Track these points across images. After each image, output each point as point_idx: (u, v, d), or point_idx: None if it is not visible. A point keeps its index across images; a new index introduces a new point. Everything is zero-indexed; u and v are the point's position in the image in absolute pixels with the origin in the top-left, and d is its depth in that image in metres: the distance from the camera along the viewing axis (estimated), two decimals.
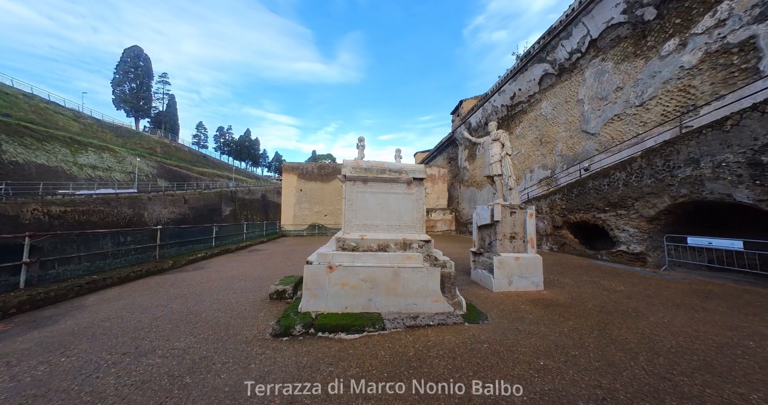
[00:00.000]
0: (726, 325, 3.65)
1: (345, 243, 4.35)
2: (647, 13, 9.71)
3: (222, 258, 10.19)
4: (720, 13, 8.13)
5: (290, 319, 3.65)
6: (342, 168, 4.64)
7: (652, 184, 7.50)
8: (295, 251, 11.90)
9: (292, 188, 21.69)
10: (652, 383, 2.34)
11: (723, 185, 6.20)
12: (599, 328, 3.55)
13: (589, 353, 2.88)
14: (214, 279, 6.68)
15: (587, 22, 11.23)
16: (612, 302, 4.62)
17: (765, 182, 5.62)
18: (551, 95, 13.66)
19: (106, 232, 7.49)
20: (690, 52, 8.66)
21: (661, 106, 9.29)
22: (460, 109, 23.58)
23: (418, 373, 2.55)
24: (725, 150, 6.19)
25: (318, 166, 22.29)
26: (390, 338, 3.33)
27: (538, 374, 2.49)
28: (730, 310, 4.33)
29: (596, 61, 11.47)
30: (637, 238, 8.02)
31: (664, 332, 3.41)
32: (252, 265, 8.70)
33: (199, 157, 63.05)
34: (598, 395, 2.18)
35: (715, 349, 2.97)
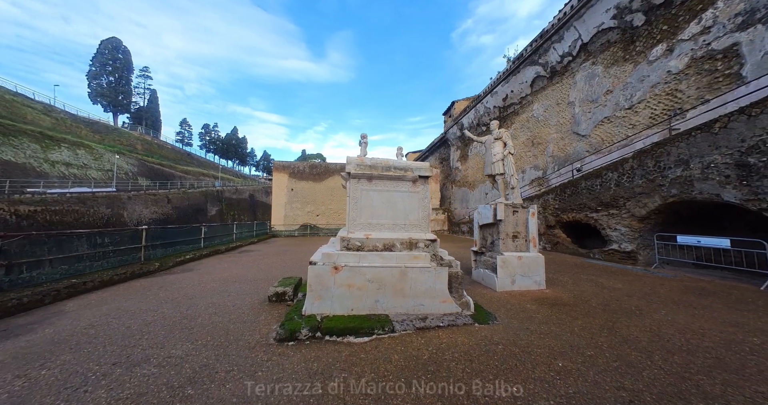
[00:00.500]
0: (726, 322, 3.73)
1: (350, 242, 4.19)
2: (636, 19, 10.02)
3: (212, 259, 9.79)
4: (705, 21, 8.47)
5: (295, 322, 3.47)
6: (346, 165, 4.49)
7: (643, 185, 7.71)
8: (289, 252, 11.59)
9: (283, 188, 21.21)
10: (674, 383, 2.32)
11: (712, 185, 6.43)
12: (608, 326, 3.56)
13: (604, 353, 2.85)
14: (206, 281, 6.36)
15: (579, 27, 11.50)
16: (614, 300, 4.67)
17: (751, 183, 5.86)
18: (543, 97, 13.92)
19: (85, 233, 7.03)
20: (677, 57, 8.98)
21: (650, 109, 9.60)
22: (452, 110, 23.78)
23: (437, 378, 2.44)
24: (714, 151, 6.42)
25: (310, 165, 21.91)
26: (401, 341, 3.21)
27: (559, 376, 2.43)
28: (725, 306, 4.46)
29: (587, 65, 11.75)
30: (628, 237, 8.24)
31: (671, 330, 3.45)
32: (245, 266, 8.38)
33: (183, 155, 60.91)
34: (623, 397, 2.14)
35: (723, 346, 3.01)
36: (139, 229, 8.26)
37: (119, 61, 51.76)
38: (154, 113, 62.69)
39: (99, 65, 50.16)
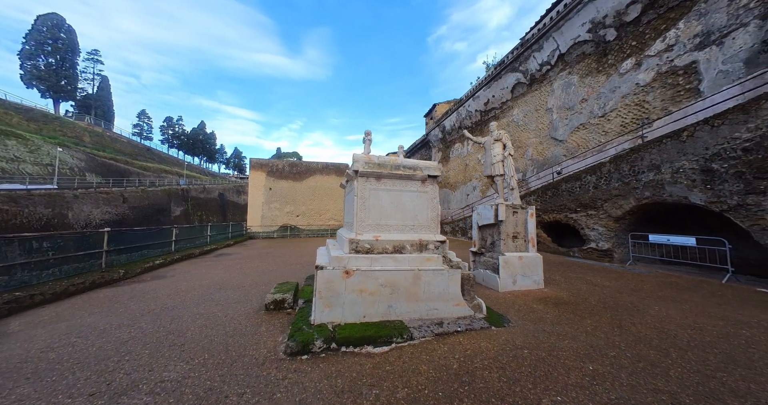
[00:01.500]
0: (713, 315, 4.03)
1: (359, 244, 3.95)
2: (609, 34, 10.80)
3: (185, 264, 8.92)
4: (668, 39, 9.33)
5: (305, 333, 3.16)
6: (352, 163, 4.24)
7: (619, 187, 8.28)
8: (272, 255, 10.93)
9: (260, 187, 20.10)
10: (702, 382, 2.39)
11: (680, 189, 7.04)
12: (615, 325, 3.67)
13: (625, 353, 2.90)
14: (186, 289, 5.72)
15: (557, 38, 12.15)
16: (608, 298, 4.89)
17: (714, 187, 6.50)
18: (522, 103, 14.56)
19: (32, 237, 6.02)
20: (644, 71, 9.80)
21: (621, 117, 10.38)
22: (434, 113, 24.16)
23: (477, 390, 2.30)
24: (682, 158, 7.05)
25: (290, 163, 20.98)
26: (423, 349, 3.04)
27: (595, 381, 2.41)
28: (703, 300, 4.85)
29: (564, 74, 12.46)
30: (605, 236, 8.80)
31: (672, 326, 3.64)
32: (226, 271, 7.72)
33: (142, 150, 55.69)
34: (664, 401, 2.14)
35: (723, 340, 3.21)
36: (100, 231, 7.28)
37: (62, 41, 45.96)
38: (106, 102, 56.63)
39: (35, 44, 44.07)
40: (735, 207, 6.26)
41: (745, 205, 6.13)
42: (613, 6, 10.36)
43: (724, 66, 8.21)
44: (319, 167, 21.00)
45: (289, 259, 9.70)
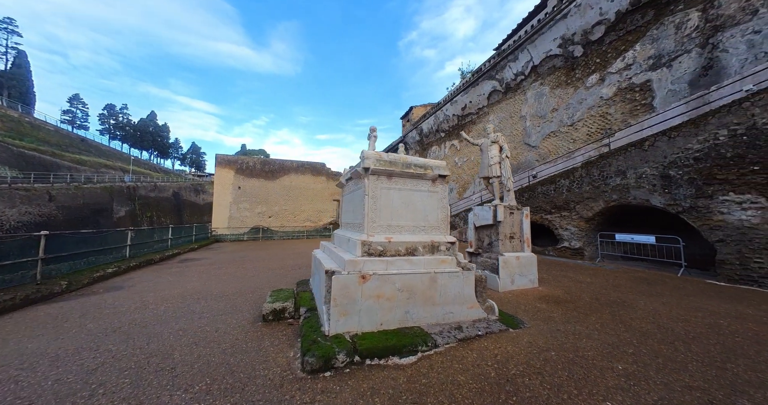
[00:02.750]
0: (688, 307, 4.46)
1: (371, 247, 3.69)
2: (576, 50, 11.77)
3: (145, 272, 7.82)
4: (627, 59, 10.41)
5: (323, 346, 2.84)
6: (362, 160, 3.97)
7: (590, 191, 8.99)
8: (248, 259, 10.06)
9: (228, 185, 18.54)
10: (720, 375, 2.56)
11: (643, 192, 7.83)
12: (617, 320, 3.87)
13: (640, 349, 3.03)
14: (155, 301, 4.95)
15: (531, 50, 12.96)
16: (598, 294, 5.20)
17: (671, 191, 7.32)
18: (498, 109, 15.30)
19: None
20: (607, 86, 10.83)
21: (587, 127, 11.35)
22: (411, 115, 24.47)
23: (526, 400, 2.21)
24: (644, 165, 7.85)
25: (261, 161, 19.66)
26: (452, 357, 2.89)
27: (631, 382, 2.45)
28: (672, 292, 5.37)
29: (536, 84, 13.33)
30: (577, 235, 9.50)
31: (663, 319, 3.94)
32: (199, 279, 6.89)
33: (75, 141, 48.42)
34: (701, 398, 2.22)
35: (711, 331, 3.53)
36: (35, 235, 6.05)
37: None
38: (24, 81, 48.20)
39: None
40: (688, 209, 7.09)
41: (696, 207, 6.98)
42: (581, 25, 11.32)
43: (672, 86, 9.36)
44: (294, 166, 20.00)
45: (270, 263, 9.00)
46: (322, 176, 20.77)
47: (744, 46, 8.36)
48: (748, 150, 6.32)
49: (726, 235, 6.57)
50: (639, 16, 10.16)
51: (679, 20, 9.38)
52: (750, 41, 8.27)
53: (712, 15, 8.88)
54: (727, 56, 8.58)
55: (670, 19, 9.59)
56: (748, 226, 6.32)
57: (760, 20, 8.16)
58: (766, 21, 8.08)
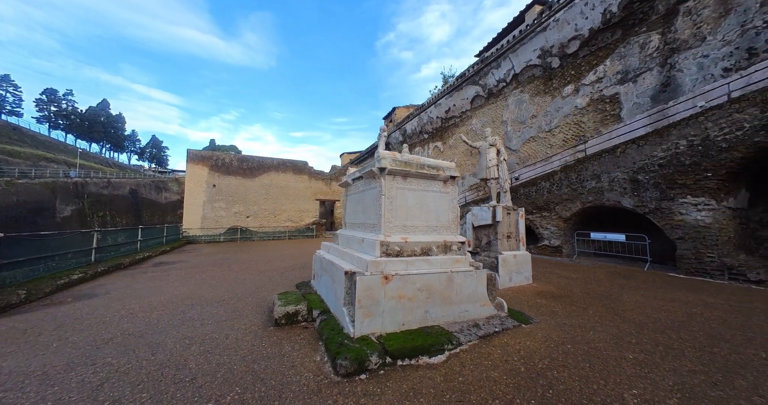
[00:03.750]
0: (664, 298, 4.97)
1: (389, 247, 3.69)
2: (554, 61, 12.60)
3: (117, 278, 7.13)
4: (598, 73, 11.36)
5: (353, 348, 2.79)
6: (379, 159, 3.96)
7: (568, 193, 9.69)
8: (232, 262, 9.51)
9: (201, 183, 17.34)
10: (713, 359, 2.90)
11: (615, 195, 8.60)
12: (611, 312, 4.22)
13: (641, 339, 3.33)
14: (143, 309, 4.54)
15: (513, 59, 13.66)
16: (586, 288, 5.62)
17: (640, 194, 8.11)
18: (480, 114, 15.93)
19: None
20: (581, 96, 11.72)
21: (563, 133, 12.20)
22: (393, 115, 24.63)
23: (563, 393, 2.34)
24: (616, 169, 8.62)
25: (239, 158, 18.62)
26: (478, 354, 2.98)
27: (646, 370, 2.68)
28: (646, 285, 5.95)
29: (517, 92, 14.07)
30: (556, 234, 10.18)
31: (647, 309, 4.36)
32: (185, 284, 6.41)
33: (4, 129, 42.57)
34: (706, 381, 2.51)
35: (689, 319, 3.97)
36: None
37: None
38: None
39: None
40: (653, 210, 7.91)
41: (660, 208, 7.80)
42: (558, 39, 12.14)
43: (637, 99, 10.36)
44: (275, 163, 19.21)
45: (258, 266, 8.60)
46: (304, 175, 20.20)
47: (695, 67, 9.49)
48: (703, 158, 7.18)
49: (684, 233, 7.41)
50: (609, 34, 11.13)
51: (643, 41, 10.42)
52: (700, 64, 9.40)
53: (669, 38, 9.97)
54: (681, 75, 9.69)
55: (635, 39, 10.61)
56: (702, 225, 7.19)
57: (708, 46, 9.30)
58: (712, 47, 9.23)
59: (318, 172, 20.83)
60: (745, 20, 8.78)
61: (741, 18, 8.85)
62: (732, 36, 8.95)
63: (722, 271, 6.84)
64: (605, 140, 10.55)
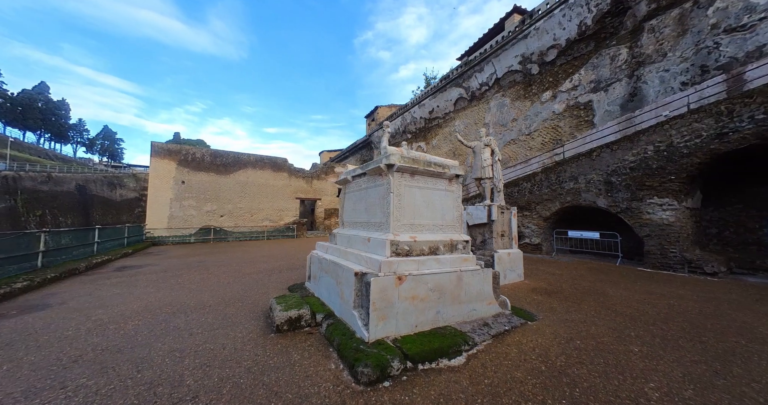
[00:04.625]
0: (643, 291, 5.34)
1: (398, 247, 3.56)
2: (533, 68, 13.21)
3: (71, 285, 6.29)
4: (574, 81, 12.08)
5: (373, 354, 2.62)
6: (387, 156, 3.81)
7: (548, 193, 10.18)
8: (209, 264, 8.80)
9: (168, 179, 15.90)
10: (706, 348, 3.11)
11: (591, 195, 9.17)
12: (603, 307, 4.43)
13: (638, 331, 3.51)
14: (114, 320, 4.00)
15: (495, 64, 14.12)
16: (573, 284, 5.89)
17: (613, 194, 8.72)
18: (463, 115, 16.30)
19: None
20: (558, 102, 12.40)
21: (542, 137, 12.83)
22: (376, 114, 24.45)
23: (589, 390, 2.36)
24: (592, 172, 9.19)
25: (211, 153, 17.31)
26: (495, 354, 2.94)
27: (654, 362, 2.80)
28: (623, 280, 6.38)
29: (498, 96, 14.57)
30: (536, 232, 10.67)
31: (633, 302, 4.64)
32: (160, 290, 5.79)
33: None
34: (708, 370, 2.68)
35: (671, 310, 4.28)
36: None
37: None
38: None
39: None
40: (625, 210, 8.54)
41: (630, 208, 8.43)
42: (538, 47, 12.74)
43: (608, 107, 11.17)
44: (252, 160, 18.16)
45: (241, 268, 8.03)
46: (284, 172, 19.35)
47: (657, 80, 10.41)
48: (668, 163, 7.86)
49: (651, 230, 8.08)
50: (584, 45, 11.88)
51: (613, 53, 11.24)
52: (662, 77, 10.33)
53: (636, 52, 10.85)
54: (646, 87, 10.59)
55: (606, 52, 11.42)
56: (666, 223, 7.87)
57: (668, 61, 10.25)
58: (672, 62, 10.18)
59: (298, 170, 20.08)
60: (699, 40, 9.77)
61: (696, 38, 9.84)
62: (688, 53, 9.92)
63: (683, 265, 7.54)
64: (580, 144, 11.25)
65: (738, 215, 8.45)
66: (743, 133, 6.87)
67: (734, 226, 8.51)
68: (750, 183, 8.12)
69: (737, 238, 8.43)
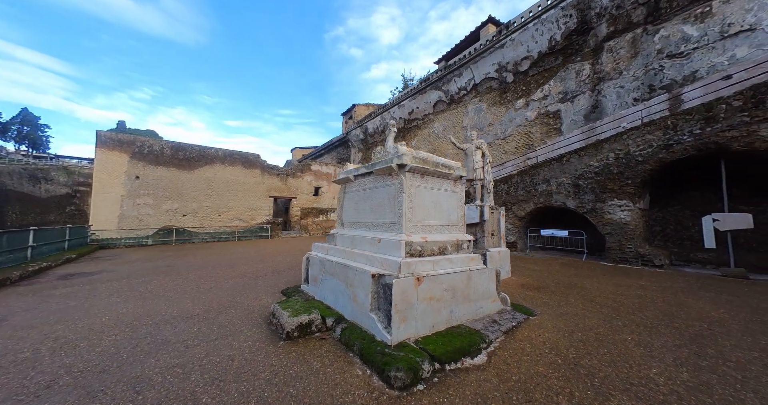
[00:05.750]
0: (613, 284, 5.94)
1: (412, 247, 3.55)
2: (508, 76, 14.01)
3: (4, 298, 5.35)
4: (545, 91, 13.04)
5: (403, 358, 2.57)
6: (399, 155, 3.77)
7: (523, 194, 10.87)
8: (180, 268, 7.98)
9: (119, 174, 14.08)
10: (684, 334, 3.53)
11: (562, 197, 9.98)
12: (587, 300, 4.83)
13: (625, 321, 3.88)
14: (80, 337, 3.47)
15: (474, 70, 14.72)
16: (555, 279, 6.34)
17: (580, 196, 9.57)
18: (442, 118, 16.76)
19: None
20: (530, 110, 13.29)
21: (515, 142, 13.65)
22: (353, 112, 24.11)
23: (606, 379, 2.55)
24: (562, 175, 10.00)
25: (172, 146, 15.65)
26: (512, 351, 3.05)
27: (646, 349, 3.12)
28: (593, 273, 7.03)
29: (476, 100, 15.22)
30: (512, 231, 11.33)
31: (610, 295, 5.12)
32: (128, 300, 5.14)
33: None
34: (691, 353, 3.04)
35: (641, 300, 4.80)
36: None
37: None
38: None
39: None
40: (590, 210, 9.42)
41: (595, 209, 9.32)
42: (513, 57, 13.54)
43: (574, 117, 12.23)
44: (220, 155, 16.82)
45: (222, 271, 7.41)
46: (256, 169, 18.24)
47: (615, 95, 11.63)
48: (626, 169, 8.81)
49: (612, 229, 9.00)
50: (553, 58, 12.87)
51: (578, 68, 12.33)
52: (618, 92, 11.55)
53: (597, 69, 12.01)
54: (605, 100, 11.77)
55: (572, 66, 12.49)
56: (624, 222, 8.82)
57: (623, 79, 11.49)
58: (626, 80, 11.42)
59: (272, 167, 19.08)
60: (647, 62, 11.08)
61: (645, 60, 11.14)
62: (639, 73, 11.20)
63: (637, 259, 8.51)
64: (550, 150, 12.16)
65: (677, 215, 9.75)
66: (685, 145, 7.92)
67: (674, 225, 9.79)
68: (687, 188, 9.41)
69: (676, 235, 9.71)
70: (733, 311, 4.27)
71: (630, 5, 11.14)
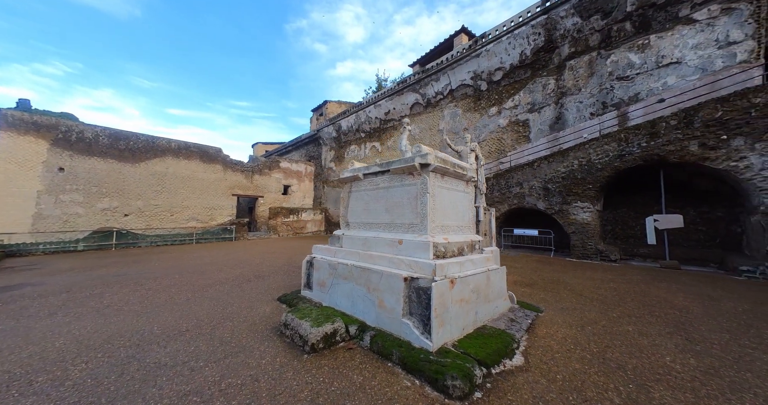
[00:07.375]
0: (588, 278, 6.54)
1: (437, 248, 3.47)
2: (483, 84, 14.76)
3: None
4: (515, 101, 14.00)
5: (454, 365, 2.46)
6: (423, 155, 3.66)
7: (499, 196, 11.51)
8: (132, 277, 6.80)
9: (34, 164, 11.46)
10: (662, 321, 3.97)
11: (533, 199, 10.78)
12: (576, 294, 5.22)
13: (616, 312, 4.26)
14: (33, 370, 2.75)
15: (451, 75, 15.21)
16: (540, 275, 6.77)
17: (549, 199, 10.43)
18: (419, 120, 17.02)
19: None
20: (502, 118, 14.16)
21: (488, 146, 14.42)
22: (324, 109, 23.27)
23: (637, 371, 2.73)
24: (533, 179, 10.82)
25: (112, 134, 13.21)
26: (543, 349, 3.10)
27: (647, 338, 3.44)
28: (565, 269, 7.68)
29: (452, 105, 15.75)
30: None
31: (590, 288, 5.61)
32: (79, 318, 4.22)
33: None
34: (681, 337, 3.42)
35: (615, 293, 5.32)
36: None
37: None
38: None
39: None
40: (558, 211, 10.32)
41: (562, 210, 10.24)
42: (487, 67, 14.30)
43: (540, 126, 13.32)
44: (173, 147, 14.82)
45: (192, 279, 6.49)
46: (217, 164, 16.52)
47: (575, 109, 12.93)
48: (588, 175, 9.83)
49: (576, 228, 9.97)
50: (523, 71, 13.89)
51: (545, 82, 13.47)
52: (577, 107, 12.87)
53: (560, 84, 13.24)
54: (567, 113, 13.03)
55: (539, 80, 13.61)
56: (586, 222, 9.83)
57: (582, 95, 12.82)
58: (584, 96, 12.77)
59: (236, 162, 17.50)
60: (601, 82, 12.50)
61: (599, 80, 12.55)
62: (594, 91, 12.59)
63: (597, 255, 9.52)
64: (521, 156, 13.09)
65: (624, 216, 11.15)
66: (634, 156, 9.07)
67: (621, 225, 11.18)
68: (632, 192, 10.80)
69: (623, 233, 11.09)
70: (689, 298, 4.96)
71: (588, 31, 12.49)
